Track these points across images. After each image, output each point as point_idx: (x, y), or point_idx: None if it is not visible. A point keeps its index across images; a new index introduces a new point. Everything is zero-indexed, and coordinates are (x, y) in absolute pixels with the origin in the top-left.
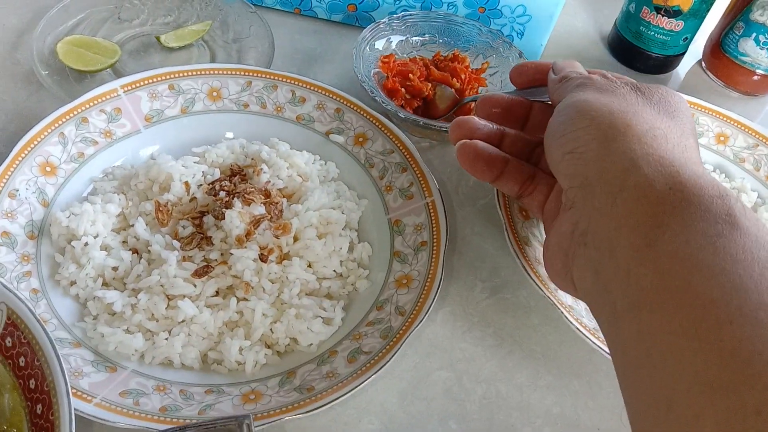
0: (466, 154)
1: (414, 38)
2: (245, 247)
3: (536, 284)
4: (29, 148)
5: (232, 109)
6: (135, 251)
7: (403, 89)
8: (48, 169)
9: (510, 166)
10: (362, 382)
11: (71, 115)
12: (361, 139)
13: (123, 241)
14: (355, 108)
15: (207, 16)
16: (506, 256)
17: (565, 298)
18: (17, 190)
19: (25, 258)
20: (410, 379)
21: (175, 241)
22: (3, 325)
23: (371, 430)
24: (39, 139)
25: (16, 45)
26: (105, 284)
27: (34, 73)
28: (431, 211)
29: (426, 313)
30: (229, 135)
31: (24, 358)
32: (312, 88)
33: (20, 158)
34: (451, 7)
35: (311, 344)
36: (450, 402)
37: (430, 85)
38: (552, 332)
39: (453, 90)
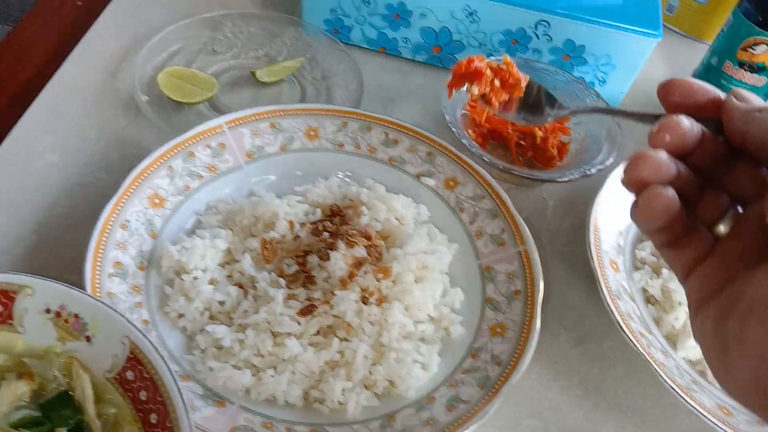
0: (653, 210)
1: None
2: (348, 289)
3: (631, 341)
4: (140, 180)
5: (327, 149)
6: (240, 286)
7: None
8: (156, 201)
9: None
10: (464, 431)
11: (179, 149)
12: (451, 183)
13: (228, 276)
14: (446, 152)
15: (297, 52)
16: (590, 305)
17: (657, 355)
18: (128, 221)
19: (136, 289)
20: (501, 426)
21: (280, 279)
22: (125, 359)
23: None
24: (149, 172)
25: (115, 72)
26: (212, 318)
27: (133, 100)
28: (525, 260)
29: (524, 366)
30: (332, 175)
31: (145, 393)
32: (404, 130)
33: (131, 190)
34: (535, 53)
35: (408, 389)
36: None
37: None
38: (636, 385)
39: None
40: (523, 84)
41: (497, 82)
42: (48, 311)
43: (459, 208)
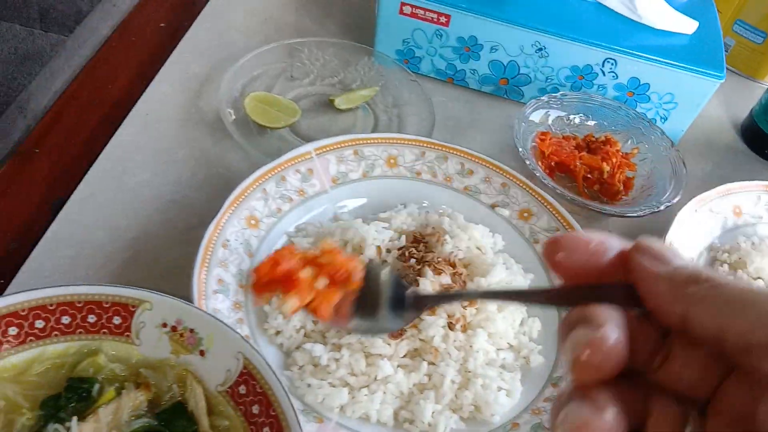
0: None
1: (572, 116)
2: (436, 315)
3: None
4: (238, 202)
5: (406, 176)
6: None
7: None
8: (253, 222)
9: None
10: None
11: (273, 173)
12: (525, 215)
13: None
14: (520, 183)
15: (369, 80)
16: None
17: None
18: (228, 241)
19: (237, 306)
20: None
21: None
22: (239, 374)
23: None
24: (246, 194)
25: (199, 94)
26: (306, 336)
27: (218, 122)
28: None
29: None
30: (410, 201)
31: (258, 407)
32: (479, 161)
33: (230, 211)
34: (600, 89)
35: (492, 414)
36: None
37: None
38: None
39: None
40: (358, 275)
41: (322, 282)
42: (164, 325)
43: (533, 239)
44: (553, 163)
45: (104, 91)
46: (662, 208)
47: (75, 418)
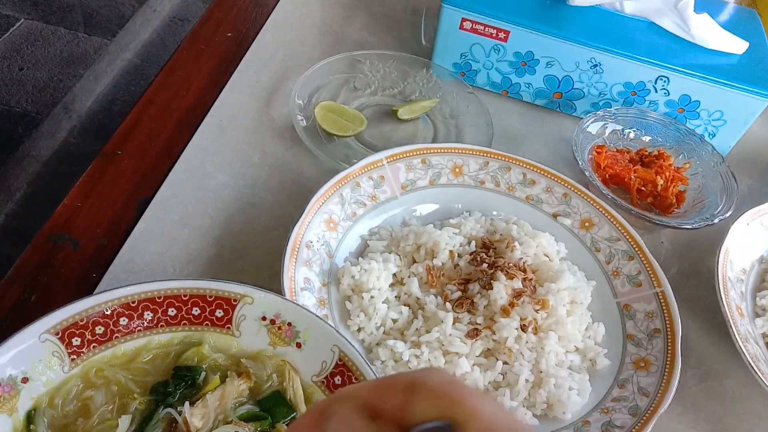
0: None
1: (627, 130)
2: (510, 317)
3: (764, 383)
4: (319, 205)
5: (470, 185)
6: (407, 306)
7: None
8: (331, 225)
9: None
10: None
11: (349, 179)
12: (587, 224)
13: (396, 296)
14: (581, 194)
15: (428, 92)
16: (709, 345)
17: None
18: (311, 242)
19: (322, 302)
20: None
21: (447, 303)
22: (334, 365)
23: None
24: (325, 198)
25: (268, 101)
26: (385, 333)
27: (287, 129)
28: (662, 301)
29: (670, 398)
30: (475, 209)
31: None
32: (541, 172)
33: (312, 214)
34: (651, 105)
35: (564, 411)
36: None
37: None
38: (757, 424)
39: None
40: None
41: None
42: (264, 319)
43: (595, 248)
44: (607, 176)
45: (179, 97)
46: (716, 221)
47: (187, 403)
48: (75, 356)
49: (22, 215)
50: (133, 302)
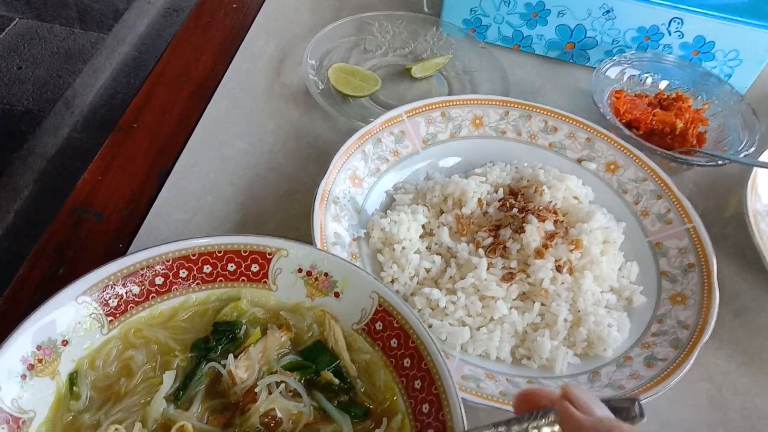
0: None
1: (643, 75)
2: (544, 259)
3: None
4: (342, 161)
5: (491, 136)
6: (438, 255)
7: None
8: (356, 181)
9: None
10: (670, 383)
11: (370, 135)
12: (612, 167)
13: (427, 247)
14: (605, 137)
15: (439, 49)
16: (741, 282)
17: None
18: (338, 198)
19: (354, 256)
20: (678, 388)
21: (480, 250)
22: (374, 312)
23: None
24: (348, 154)
25: (279, 69)
26: (419, 283)
27: (300, 94)
28: (694, 236)
29: (710, 329)
30: (498, 160)
31: (396, 341)
32: (563, 118)
33: (336, 170)
34: (665, 49)
35: (605, 348)
36: (714, 410)
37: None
38: None
39: None
40: None
41: None
42: (300, 271)
43: (622, 189)
44: (625, 121)
45: (189, 69)
46: (741, 156)
47: (231, 356)
48: (113, 318)
49: (30, 213)
50: (168, 261)
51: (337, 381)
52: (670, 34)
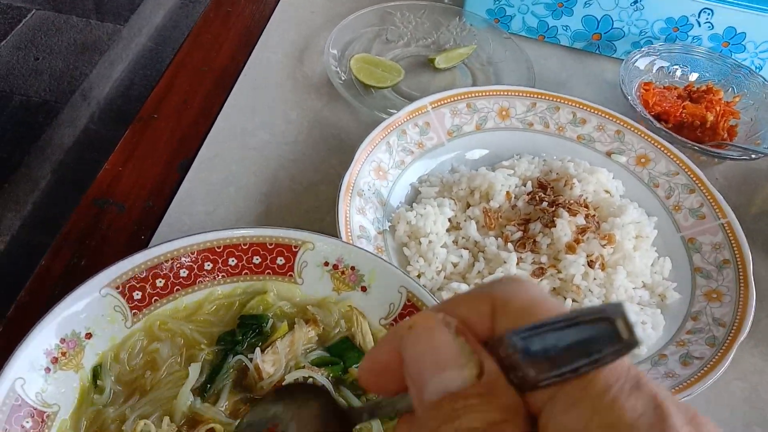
0: None
1: (673, 67)
2: (576, 254)
3: None
4: (367, 153)
5: (518, 128)
6: (466, 249)
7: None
8: (381, 173)
9: None
10: (707, 381)
11: (394, 126)
12: (643, 160)
13: (454, 241)
14: (635, 130)
15: (462, 40)
16: None
17: None
18: (363, 190)
19: (379, 249)
20: (713, 387)
21: (509, 244)
22: (402, 307)
23: None
24: (373, 146)
25: (301, 59)
26: (446, 278)
27: (323, 85)
28: (729, 231)
29: (748, 327)
30: (525, 152)
31: None
32: (592, 110)
33: (360, 162)
34: (695, 40)
35: (641, 346)
36: (750, 409)
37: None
38: None
39: None
40: None
41: None
42: (326, 264)
43: (653, 183)
44: (654, 113)
45: (211, 59)
46: None
47: (257, 349)
48: (137, 311)
49: (48, 204)
50: (192, 253)
51: None
52: (699, 25)
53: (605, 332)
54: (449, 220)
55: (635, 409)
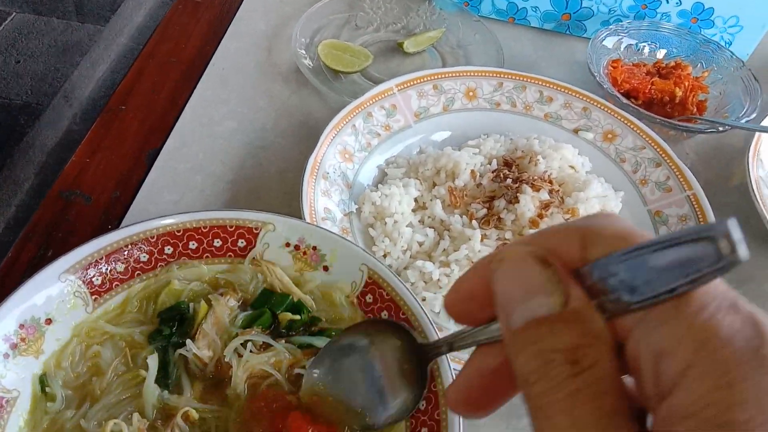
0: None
1: (641, 44)
2: (540, 229)
3: None
4: (332, 137)
5: (485, 108)
6: (431, 228)
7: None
8: (346, 156)
9: None
10: None
11: (360, 109)
12: (610, 136)
13: (420, 220)
14: (602, 107)
15: (432, 24)
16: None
17: None
18: (328, 173)
19: (345, 231)
20: None
21: (474, 221)
22: (363, 284)
23: None
24: (338, 129)
25: (269, 49)
26: (412, 257)
27: (292, 73)
28: (695, 203)
29: None
30: (492, 132)
31: (387, 312)
32: (559, 88)
33: (326, 145)
34: (664, 17)
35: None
36: None
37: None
38: None
39: None
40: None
41: None
42: (288, 245)
43: (620, 158)
44: (623, 90)
45: (179, 50)
46: (744, 122)
47: (188, 341)
48: (97, 296)
49: (32, 206)
50: (152, 237)
51: (297, 316)
52: (668, 2)
53: (706, 250)
54: (415, 200)
55: (732, 326)
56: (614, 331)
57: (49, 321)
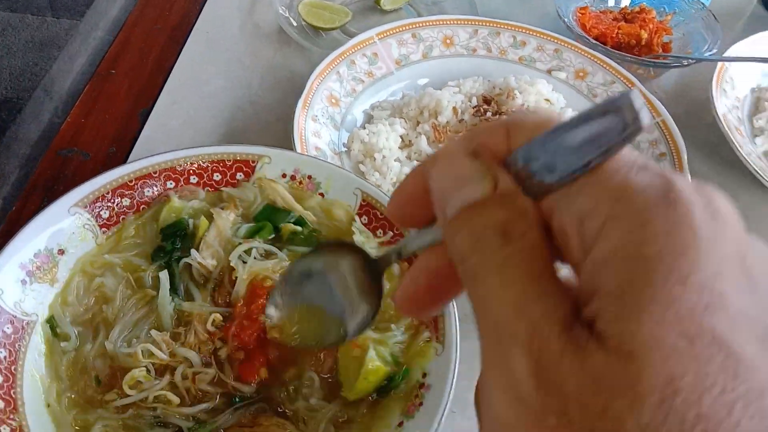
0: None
1: None
2: None
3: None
4: (318, 82)
5: (463, 54)
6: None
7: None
8: (333, 101)
9: None
10: None
11: (343, 57)
12: (581, 74)
13: (407, 156)
14: (573, 48)
15: None
16: (715, 176)
17: None
18: (317, 116)
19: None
20: None
21: None
22: (359, 207)
23: None
24: (323, 76)
25: (251, 12)
26: None
27: (274, 33)
28: (664, 128)
29: None
30: (471, 76)
31: (382, 231)
32: (531, 32)
33: (313, 91)
34: None
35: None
36: None
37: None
38: None
39: None
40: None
41: None
42: (284, 176)
43: (592, 94)
44: (592, 36)
45: (164, 17)
46: (708, 55)
47: (192, 250)
48: (106, 228)
49: (20, 197)
50: (155, 172)
51: (299, 228)
52: None
53: (613, 122)
54: (401, 138)
55: (643, 180)
56: (541, 212)
57: (61, 251)
